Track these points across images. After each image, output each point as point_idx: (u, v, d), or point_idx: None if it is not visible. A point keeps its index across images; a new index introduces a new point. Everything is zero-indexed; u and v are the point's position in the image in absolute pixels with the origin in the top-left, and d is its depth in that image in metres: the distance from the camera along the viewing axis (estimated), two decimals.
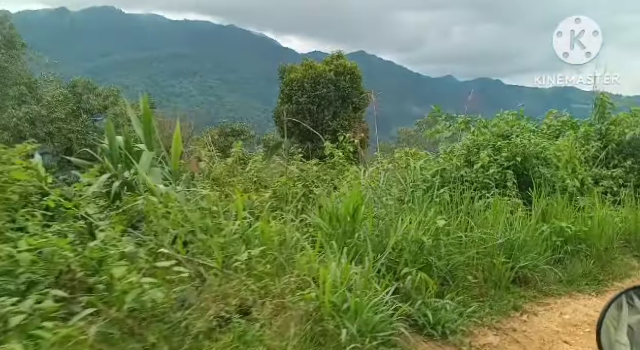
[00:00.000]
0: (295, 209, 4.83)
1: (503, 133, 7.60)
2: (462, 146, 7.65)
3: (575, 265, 5.28)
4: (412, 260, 4.05)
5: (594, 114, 9.65)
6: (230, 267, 3.36)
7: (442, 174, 6.78)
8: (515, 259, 4.77)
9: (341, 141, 7.06)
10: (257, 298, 3.15)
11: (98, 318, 2.34)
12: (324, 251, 3.72)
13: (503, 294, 4.46)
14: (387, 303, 3.37)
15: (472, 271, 4.44)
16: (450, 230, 4.53)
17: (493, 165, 6.84)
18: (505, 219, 5.17)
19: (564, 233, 5.48)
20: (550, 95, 32.98)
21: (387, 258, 3.93)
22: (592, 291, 4.98)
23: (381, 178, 6.24)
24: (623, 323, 1.69)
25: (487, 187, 6.59)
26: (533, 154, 7.20)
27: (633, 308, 1.70)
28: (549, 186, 6.77)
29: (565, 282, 5.00)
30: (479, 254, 4.53)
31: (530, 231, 5.20)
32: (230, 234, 3.57)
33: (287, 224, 3.95)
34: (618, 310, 1.73)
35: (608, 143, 8.86)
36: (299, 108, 22.25)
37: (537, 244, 5.07)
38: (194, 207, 3.78)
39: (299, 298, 3.12)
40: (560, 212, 5.82)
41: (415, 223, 4.28)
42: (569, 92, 15.23)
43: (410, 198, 5.44)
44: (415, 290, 3.77)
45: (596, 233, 5.67)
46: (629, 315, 1.70)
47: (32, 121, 23.84)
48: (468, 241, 4.67)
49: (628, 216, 6.63)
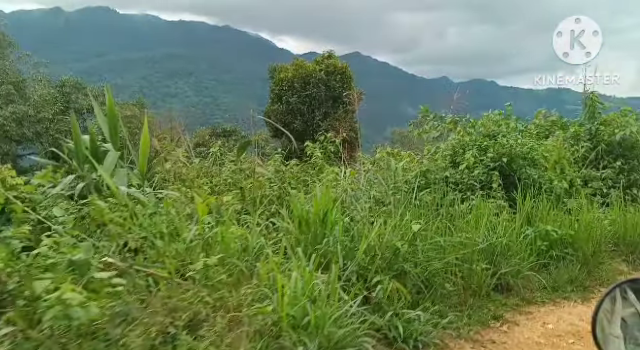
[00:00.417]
0: (267, 212, 4.60)
1: (490, 133, 7.40)
2: (447, 146, 7.45)
3: (560, 271, 5.06)
4: (386, 267, 3.81)
5: (584, 114, 9.47)
6: (185, 277, 3.12)
7: (426, 175, 6.58)
8: (497, 265, 4.54)
9: (322, 141, 6.82)
10: (211, 311, 2.90)
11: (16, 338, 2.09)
12: (290, 258, 3.49)
13: (483, 302, 4.23)
14: (354, 315, 3.13)
15: (451, 278, 4.21)
16: (428, 235, 4.30)
17: (478, 166, 6.63)
18: (488, 222, 4.95)
19: (549, 237, 5.26)
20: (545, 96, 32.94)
21: (359, 265, 3.69)
22: (578, 298, 4.76)
23: (361, 179, 6.02)
24: (617, 316, 1.71)
25: (472, 189, 6.38)
26: (520, 155, 6.99)
27: (627, 301, 1.72)
28: (536, 188, 6.58)
29: (550, 289, 4.77)
30: (458, 260, 4.30)
31: (514, 235, 4.97)
32: (187, 240, 3.32)
33: (252, 229, 3.70)
34: (612, 303, 1.74)
35: (598, 144, 8.67)
36: (289, 108, 21.97)
37: (521, 249, 4.84)
38: (150, 211, 3.52)
39: (256, 311, 2.88)
40: (546, 215, 5.60)
41: (390, 227, 4.05)
42: (564, 94, 15.12)
43: (390, 200, 5.22)
44: (387, 300, 3.53)
45: (583, 237, 5.45)
46: (623, 308, 1.72)
47: (19, 121, 23.47)
48: (448, 246, 4.44)
49: (617, 219, 6.43)
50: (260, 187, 4.57)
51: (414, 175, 6.47)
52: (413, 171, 6.47)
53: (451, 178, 6.75)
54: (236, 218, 4.11)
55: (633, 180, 8.25)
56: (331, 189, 5.23)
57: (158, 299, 2.76)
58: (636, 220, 6.38)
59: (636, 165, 8.42)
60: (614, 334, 1.69)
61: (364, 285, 3.57)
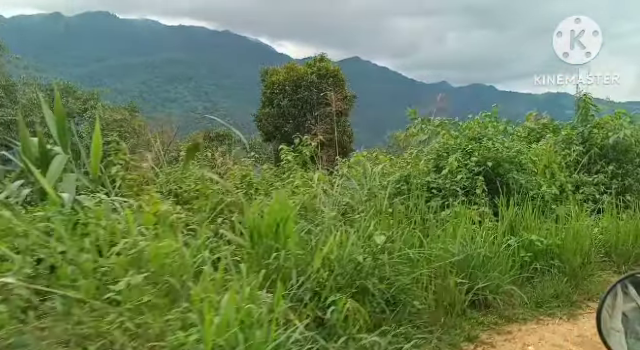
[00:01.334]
0: (227, 222, 4.22)
1: (475, 136, 7.03)
2: (431, 150, 7.08)
3: (545, 284, 4.66)
4: (346, 284, 3.43)
5: (577, 117, 9.10)
6: (106, 298, 2.73)
7: (407, 180, 6.21)
8: (474, 279, 4.16)
9: (297, 144, 6.45)
10: (128, 340, 2.51)
11: None
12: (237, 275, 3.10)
13: (457, 321, 3.83)
14: (300, 341, 2.75)
15: (421, 295, 3.82)
16: (396, 246, 3.91)
17: (462, 170, 6.26)
18: (466, 231, 4.56)
19: (534, 247, 4.88)
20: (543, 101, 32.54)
21: (314, 282, 3.31)
22: (563, 314, 4.36)
23: (335, 185, 5.64)
24: (618, 311, 1.74)
25: (455, 195, 6.01)
26: (506, 159, 6.62)
27: (627, 296, 1.74)
28: (524, 193, 6.20)
29: (533, 304, 4.38)
30: (431, 274, 3.92)
31: (495, 245, 4.59)
32: (114, 255, 2.94)
33: (194, 242, 3.31)
34: (613, 298, 1.76)
35: (591, 147, 8.30)
36: (281, 112, 21.60)
37: (501, 261, 4.45)
38: (76, 221, 3.14)
39: (182, 340, 2.49)
40: (531, 223, 5.21)
41: (354, 238, 3.67)
42: (562, 98, 14.82)
43: (363, 208, 4.84)
44: (343, 322, 3.14)
45: (571, 247, 5.06)
46: (624, 303, 1.74)
47: (7, 124, 23.10)
48: (421, 258, 4.06)
49: (609, 226, 6.04)
50: (206, 194, 4.18)
51: (394, 180, 6.11)
52: (392, 175, 6.10)
53: (433, 183, 6.38)
54: (183, 229, 3.72)
55: (627, 185, 7.87)
56: (298, 195, 4.89)
57: (58, 326, 2.37)
58: (629, 228, 6.00)
59: (630, 169, 8.04)
60: (615, 328, 1.71)
61: (318, 305, 3.18)
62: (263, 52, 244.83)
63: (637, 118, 9.05)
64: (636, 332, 1.70)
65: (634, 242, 5.91)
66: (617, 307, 1.75)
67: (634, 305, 1.73)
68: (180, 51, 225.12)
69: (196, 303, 2.71)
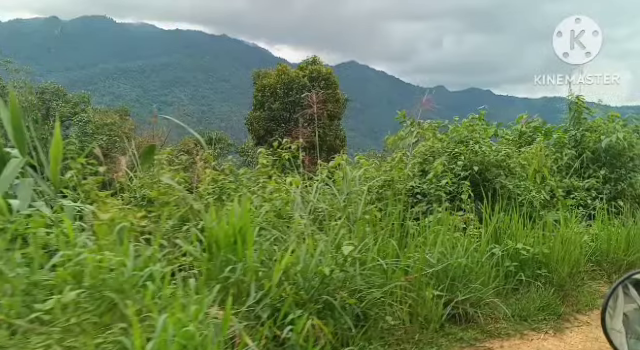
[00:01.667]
0: (186, 231, 3.94)
1: (463, 139, 6.78)
2: (416, 154, 6.83)
3: (531, 296, 4.39)
4: (311, 299, 3.15)
5: (569, 119, 8.87)
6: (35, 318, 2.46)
7: (390, 185, 5.95)
8: (454, 291, 3.89)
9: (276, 147, 6.18)
10: None
11: None
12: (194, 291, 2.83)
13: (433, 337, 3.56)
14: None
15: (396, 308, 3.55)
16: (369, 256, 3.64)
17: (447, 175, 6.01)
18: (447, 239, 4.29)
19: (520, 256, 4.62)
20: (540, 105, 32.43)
21: (274, 298, 3.03)
22: (549, 328, 4.09)
23: (313, 190, 5.37)
24: (619, 311, 1.75)
25: (440, 200, 5.75)
26: (494, 163, 6.38)
27: (628, 296, 1.75)
28: (512, 199, 5.96)
29: (517, 318, 4.11)
30: (406, 286, 3.65)
31: (477, 255, 4.32)
32: (47, 269, 2.67)
33: (146, 252, 3.04)
34: (614, 299, 1.78)
35: (583, 151, 8.07)
36: (272, 115, 21.32)
37: (484, 271, 4.18)
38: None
39: None
40: (517, 230, 4.94)
41: (322, 249, 3.41)
42: (558, 102, 14.67)
43: (341, 215, 4.58)
44: (303, 342, 2.86)
45: (559, 255, 4.80)
46: (624, 303, 1.75)
47: None
48: (399, 269, 3.79)
49: (600, 233, 5.79)
50: (168, 201, 3.90)
51: (377, 185, 5.87)
52: (374, 179, 5.84)
53: (417, 188, 6.13)
54: (141, 239, 3.45)
55: (620, 190, 7.64)
56: (270, 202, 4.63)
57: None
58: (621, 235, 5.75)
59: (623, 174, 7.81)
60: (616, 328, 1.72)
61: (276, 323, 2.91)
62: (260, 56, 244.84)
63: (630, 121, 8.85)
64: (637, 332, 1.71)
65: (626, 250, 5.66)
66: (618, 308, 1.76)
67: (635, 306, 1.74)
68: (177, 55, 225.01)
69: (134, 324, 2.43)
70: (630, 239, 5.74)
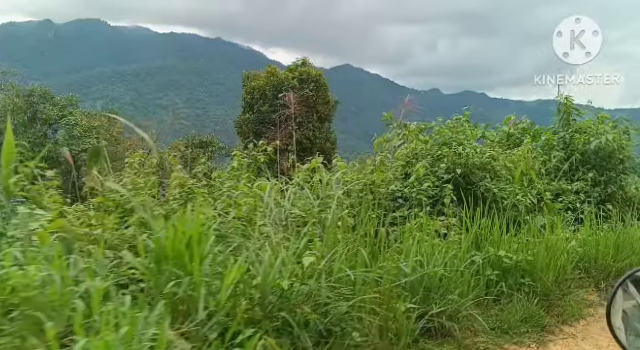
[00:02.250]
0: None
1: (446, 141, 6.54)
2: (399, 156, 6.58)
3: (514, 307, 4.13)
4: (265, 316, 2.88)
5: (558, 121, 8.67)
6: None
7: (371, 189, 5.71)
8: (429, 303, 3.63)
9: (250, 149, 5.92)
10: None
11: None
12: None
13: None
14: None
15: (365, 323, 3.28)
16: (336, 267, 3.37)
17: (429, 178, 5.76)
18: (424, 247, 4.03)
19: (502, 264, 4.37)
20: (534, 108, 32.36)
21: (225, 314, 2.76)
22: (532, 342, 3.84)
23: (287, 195, 5.10)
24: (618, 309, 1.76)
25: (421, 205, 5.50)
26: (478, 165, 6.14)
27: (627, 294, 1.76)
28: (497, 203, 5.72)
29: (498, 331, 3.85)
30: (376, 299, 3.38)
31: (457, 262, 4.06)
32: None
33: (82, 265, 2.76)
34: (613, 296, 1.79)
35: (572, 153, 7.85)
36: (261, 117, 21.05)
37: (463, 281, 3.92)
38: None
39: None
40: (500, 236, 4.69)
41: (283, 259, 3.14)
42: (552, 104, 14.55)
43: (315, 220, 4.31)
44: None
45: (544, 262, 4.55)
46: (624, 301, 1.76)
47: None
48: (370, 280, 3.52)
49: (588, 238, 5.55)
50: (124, 207, 3.63)
51: (357, 189, 5.61)
52: (353, 183, 5.60)
53: (398, 192, 5.88)
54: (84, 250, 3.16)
55: (610, 193, 7.42)
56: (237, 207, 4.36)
57: None
58: (610, 240, 5.51)
59: (613, 177, 7.60)
60: (615, 325, 1.73)
61: (227, 343, 2.63)
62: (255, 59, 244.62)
63: (621, 123, 8.65)
64: (636, 330, 1.73)
65: (615, 255, 5.42)
66: (617, 305, 1.77)
67: (634, 303, 1.75)
68: (172, 58, 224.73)
69: (54, 348, 2.15)
70: (619, 244, 5.51)
